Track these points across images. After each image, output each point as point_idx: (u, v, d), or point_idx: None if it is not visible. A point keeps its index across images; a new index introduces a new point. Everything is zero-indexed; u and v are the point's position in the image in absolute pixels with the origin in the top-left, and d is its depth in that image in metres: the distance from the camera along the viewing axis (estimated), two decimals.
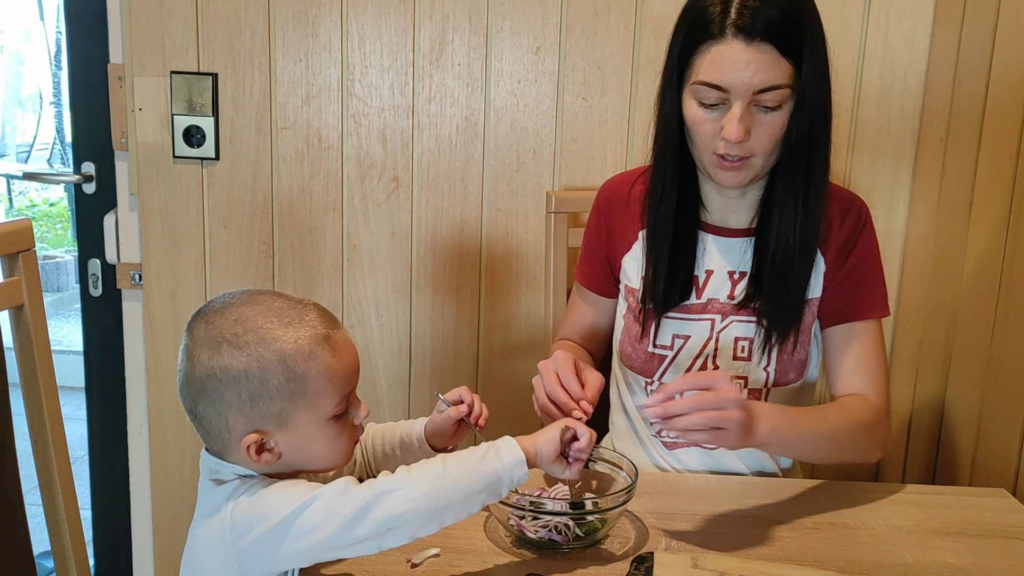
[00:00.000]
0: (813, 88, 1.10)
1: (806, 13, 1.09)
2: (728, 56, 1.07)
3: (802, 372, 1.26)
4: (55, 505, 1.24)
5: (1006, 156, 1.44)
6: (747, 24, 1.05)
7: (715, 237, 1.25)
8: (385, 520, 0.82)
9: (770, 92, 1.08)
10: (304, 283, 1.85)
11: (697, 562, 0.95)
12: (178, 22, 1.76)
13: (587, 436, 0.95)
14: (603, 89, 1.75)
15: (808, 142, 1.13)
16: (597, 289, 1.36)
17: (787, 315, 1.20)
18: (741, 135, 1.09)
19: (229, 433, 0.88)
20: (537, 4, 1.73)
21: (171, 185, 1.83)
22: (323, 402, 0.88)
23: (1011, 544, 1.08)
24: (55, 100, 6.19)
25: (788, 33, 1.06)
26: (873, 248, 1.25)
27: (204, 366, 0.86)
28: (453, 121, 1.78)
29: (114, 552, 2.05)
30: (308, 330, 0.88)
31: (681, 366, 1.26)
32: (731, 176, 1.15)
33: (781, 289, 1.19)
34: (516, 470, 0.88)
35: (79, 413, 2.34)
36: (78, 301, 2.02)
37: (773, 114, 1.10)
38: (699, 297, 1.25)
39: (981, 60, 1.53)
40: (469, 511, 0.86)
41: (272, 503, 0.85)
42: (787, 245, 1.18)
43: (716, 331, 1.24)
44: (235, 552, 0.85)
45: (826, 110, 1.14)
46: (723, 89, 1.08)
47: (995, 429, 1.44)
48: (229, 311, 0.88)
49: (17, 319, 1.20)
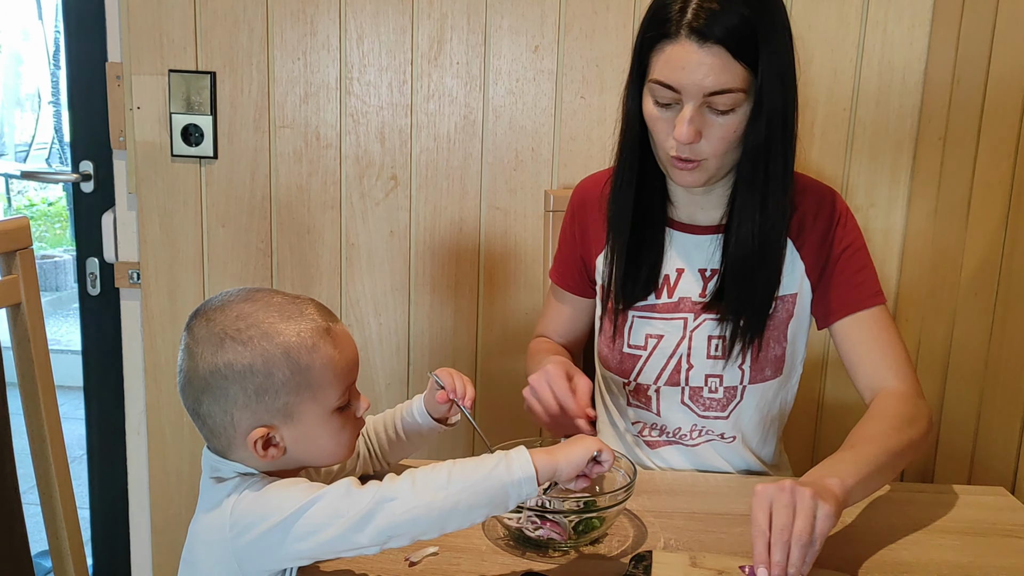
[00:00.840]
0: (771, 93, 1.09)
1: (767, 18, 1.07)
2: (680, 56, 1.06)
3: (781, 368, 1.25)
4: (53, 504, 1.24)
5: (1004, 155, 1.45)
6: (701, 26, 1.05)
7: (683, 234, 1.25)
8: (387, 528, 0.82)
9: (722, 95, 1.07)
10: (302, 282, 1.85)
11: (696, 560, 0.95)
12: (176, 21, 1.76)
13: (610, 462, 0.91)
14: (601, 87, 1.75)
15: (766, 146, 1.12)
16: (571, 288, 1.36)
17: (753, 315, 1.20)
18: (690, 136, 1.08)
19: (235, 429, 0.88)
20: (536, 3, 1.73)
21: (169, 184, 1.83)
22: (327, 394, 0.89)
23: (1009, 542, 1.08)
24: (53, 99, 6.19)
25: (743, 37, 1.05)
26: (856, 236, 1.24)
27: (208, 363, 0.86)
28: (452, 119, 1.78)
29: (112, 551, 2.05)
30: (309, 323, 0.89)
31: (656, 366, 1.25)
32: (685, 176, 1.15)
33: (746, 290, 1.19)
34: (525, 486, 0.84)
35: (77, 412, 2.34)
36: (76, 300, 2.02)
37: (725, 117, 1.09)
38: (670, 296, 1.24)
39: (980, 59, 1.53)
40: (472, 521, 0.85)
41: (274, 502, 0.85)
42: (747, 247, 1.17)
43: (689, 330, 1.23)
44: (234, 549, 0.85)
45: (787, 113, 1.12)
46: (675, 89, 1.08)
47: (993, 428, 1.44)
48: (229, 308, 0.89)
49: (15, 318, 1.19)
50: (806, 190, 1.24)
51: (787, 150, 1.15)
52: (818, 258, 1.22)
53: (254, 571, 0.87)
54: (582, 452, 0.88)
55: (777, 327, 1.23)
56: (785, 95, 1.11)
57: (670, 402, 1.26)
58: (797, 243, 1.22)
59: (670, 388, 1.26)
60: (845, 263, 1.22)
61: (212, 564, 0.87)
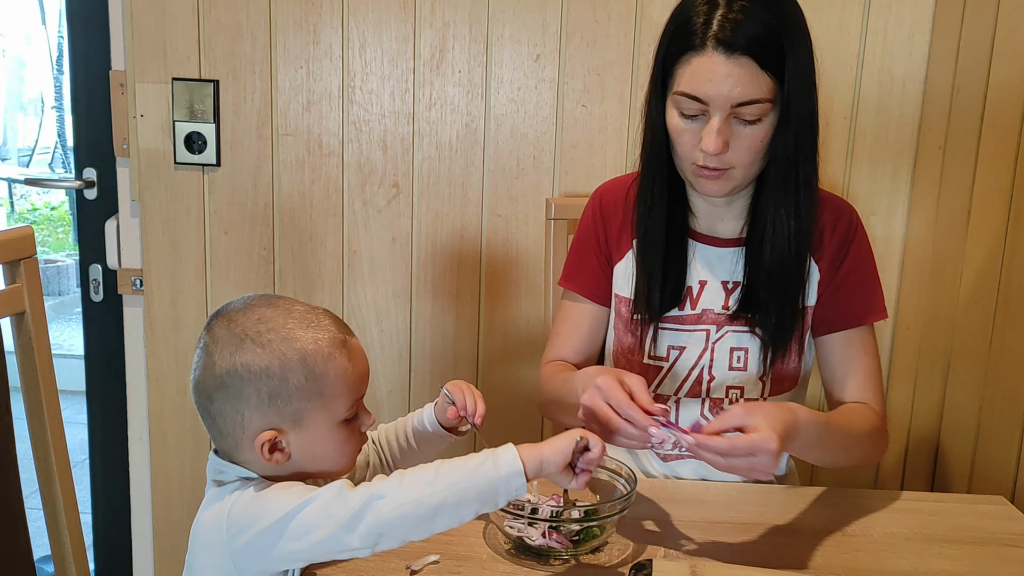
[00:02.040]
0: (797, 102, 1.09)
1: (790, 27, 1.08)
2: (707, 68, 1.06)
3: (796, 380, 1.26)
4: (55, 509, 1.24)
5: (1004, 164, 1.45)
6: (728, 37, 1.05)
7: (705, 246, 1.25)
8: (376, 525, 0.82)
9: (749, 106, 1.07)
10: (304, 289, 1.85)
11: (696, 569, 0.95)
12: (180, 29, 1.77)
13: (599, 447, 0.89)
14: (603, 96, 1.76)
15: (795, 155, 1.13)
16: (595, 296, 1.31)
17: (783, 326, 1.20)
18: (719, 147, 1.09)
19: (243, 430, 0.89)
20: (537, 11, 1.74)
21: (172, 191, 1.83)
22: (337, 404, 0.91)
23: (1009, 551, 1.08)
24: (56, 104, 6.20)
25: (769, 47, 1.06)
26: (866, 254, 1.25)
27: (226, 362, 0.88)
28: (453, 128, 1.79)
29: (114, 556, 2.06)
30: (327, 333, 0.91)
31: (677, 377, 1.25)
32: (711, 185, 1.15)
33: (777, 300, 1.19)
34: (513, 481, 0.84)
35: (80, 417, 2.34)
36: (79, 305, 2.03)
37: (753, 127, 1.09)
38: (694, 308, 1.24)
39: (979, 68, 1.53)
40: (462, 519, 0.84)
41: (269, 504, 0.86)
42: (782, 256, 1.17)
43: (712, 342, 1.23)
44: (231, 551, 0.86)
45: (812, 122, 1.13)
46: (702, 101, 1.08)
47: (993, 436, 1.44)
48: (251, 311, 0.91)
49: (19, 326, 1.20)
50: (825, 202, 1.23)
51: (815, 158, 1.15)
52: (830, 271, 1.23)
53: (250, 573, 0.87)
54: (567, 441, 0.88)
55: (798, 339, 1.23)
56: (811, 103, 1.12)
57: (689, 413, 1.26)
58: (816, 256, 1.22)
59: (691, 400, 1.26)
60: (851, 279, 1.23)
61: (210, 567, 0.89)
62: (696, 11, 1.08)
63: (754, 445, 0.94)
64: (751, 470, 0.96)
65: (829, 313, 1.23)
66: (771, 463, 0.95)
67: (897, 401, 1.79)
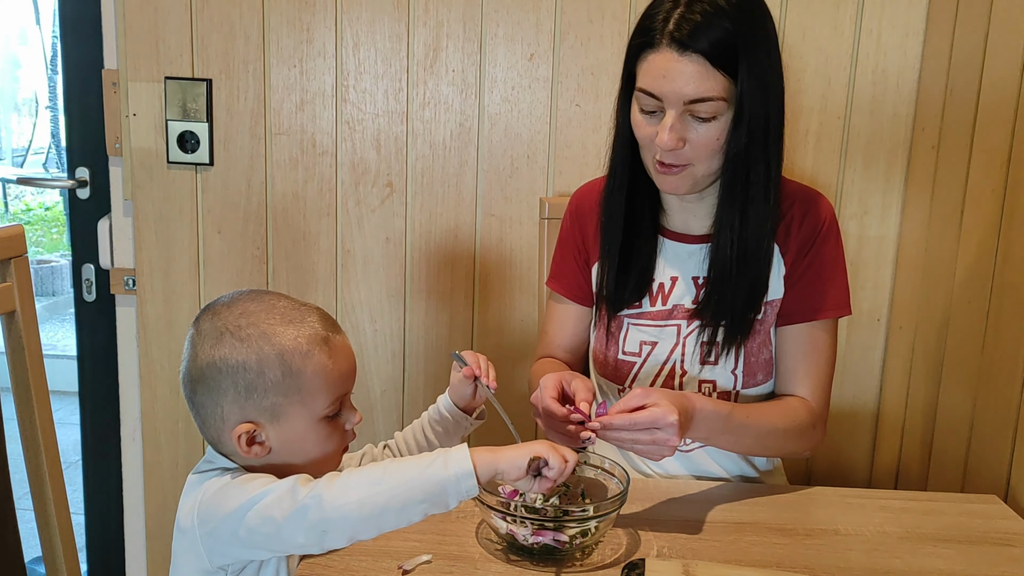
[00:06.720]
0: (752, 103, 1.10)
1: (748, 29, 1.09)
2: (661, 65, 1.09)
3: (771, 372, 1.27)
4: (46, 510, 1.24)
5: (997, 163, 1.45)
6: (682, 36, 1.07)
7: (676, 243, 1.26)
8: (319, 522, 0.82)
9: (702, 103, 1.09)
10: (298, 288, 1.85)
11: (688, 569, 0.95)
12: (172, 28, 1.76)
13: (558, 466, 0.87)
14: (597, 95, 1.76)
15: (746, 154, 1.13)
16: (575, 296, 1.35)
17: (736, 321, 1.21)
18: (671, 143, 1.11)
19: (223, 422, 0.91)
20: (531, 11, 1.73)
21: (165, 190, 1.83)
22: (316, 400, 0.91)
23: (1002, 550, 1.08)
24: (51, 104, 6.19)
25: (723, 48, 1.07)
26: (833, 249, 1.25)
27: (206, 355, 0.90)
28: (447, 127, 1.79)
29: (107, 558, 2.05)
30: (308, 330, 0.91)
31: (650, 372, 1.27)
32: (670, 181, 1.17)
33: (725, 297, 1.21)
34: (463, 482, 0.82)
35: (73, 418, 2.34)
36: (73, 305, 2.02)
37: (707, 125, 1.11)
38: (664, 304, 1.26)
39: (973, 67, 1.53)
40: (410, 519, 0.83)
41: (235, 492, 0.87)
42: (726, 255, 1.19)
43: (682, 337, 1.25)
44: (200, 536, 0.88)
45: (769, 124, 1.14)
46: (657, 97, 1.10)
47: (987, 435, 1.44)
48: (236, 306, 0.92)
49: (9, 325, 1.19)
50: (795, 196, 1.25)
51: (769, 158, 1.16)
52: (795, 265, 1.24)
53: (217, 560, 0.89)
54: (524, 453, 0.86)
55: (765, 332, 1.25)
56: (767, 104, 1.12)
57: None
58: (783, 249, 1.23)
59: None
60: (810, 273, 1.24)
61: (183, 550, 0.90)
62: (659, 9, 1.11)
63: (655, 418, 1.01)
64: (654, 443, 1.02)
65: (788, 305, 1.25)
66: (674, 436, 1.01)
67: (890, 400, 1.79)
